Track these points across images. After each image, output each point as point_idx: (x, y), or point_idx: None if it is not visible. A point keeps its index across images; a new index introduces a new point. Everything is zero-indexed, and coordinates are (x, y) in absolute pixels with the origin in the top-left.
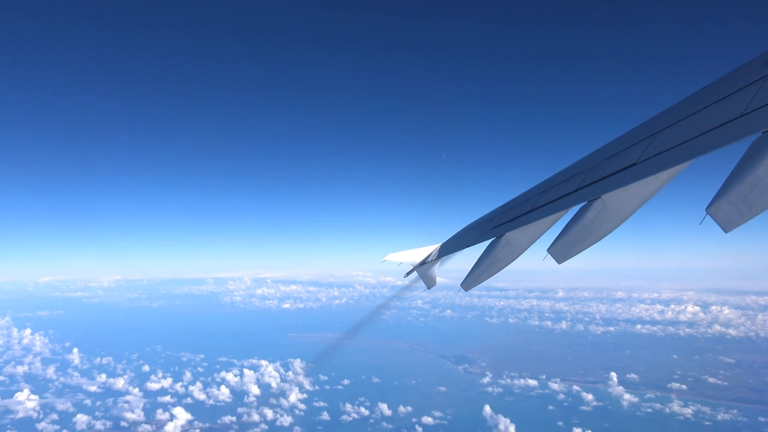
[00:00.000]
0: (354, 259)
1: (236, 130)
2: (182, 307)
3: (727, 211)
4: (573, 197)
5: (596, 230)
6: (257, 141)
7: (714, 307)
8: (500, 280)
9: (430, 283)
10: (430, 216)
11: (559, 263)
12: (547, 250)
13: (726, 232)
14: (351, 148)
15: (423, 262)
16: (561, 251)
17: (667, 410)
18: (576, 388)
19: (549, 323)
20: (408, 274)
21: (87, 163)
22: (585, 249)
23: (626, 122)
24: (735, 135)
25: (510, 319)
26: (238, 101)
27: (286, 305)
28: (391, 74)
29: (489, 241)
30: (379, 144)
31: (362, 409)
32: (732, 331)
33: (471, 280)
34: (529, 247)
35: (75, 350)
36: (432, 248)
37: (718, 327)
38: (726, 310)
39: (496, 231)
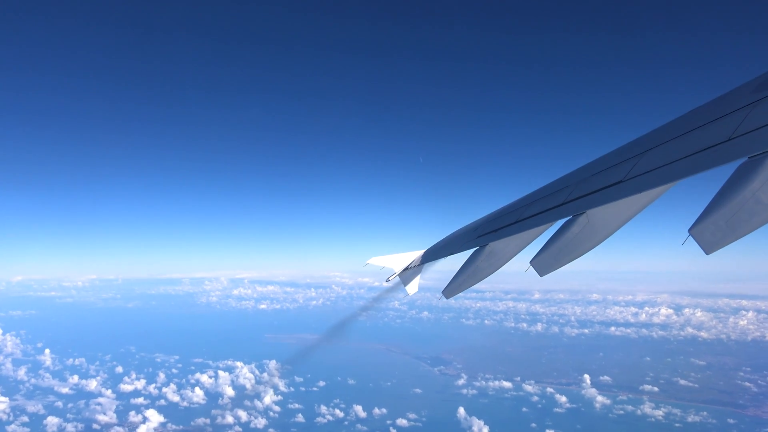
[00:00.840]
0: (331, 260)
1: (214, 130)
2: (157, 308)
3: (710, 233)
4: (558, 211)
5: (580, 245)
6: (235, 140)
7: (687, 310)
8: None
9: (411, 289)
10: (411, 219)
11: (540, 276)
12: (530, 263)
13: (707, 254)
14: (331, 149)
15: (406, 268)
16: (543, 264)
17: (639, 412)
18: (550, 390)
19: (525, 325)
20: (389, 279)
21: (62, 162)
22: (567, 263)
23: (619, 130)
24: (721, 158)
25: (486, 321)
26: (218, 100)
27: (263, 306)
28: (377, 76)
29: (472, 250)
30: (359, 145)
31: (337, 411)
32: (704, 334)
33: (453, 288)
34: (512, 258)
35: (47, 351)
36: (415, 254)
37: (690, 329)
38: (698, 313)
39: (480, 240)
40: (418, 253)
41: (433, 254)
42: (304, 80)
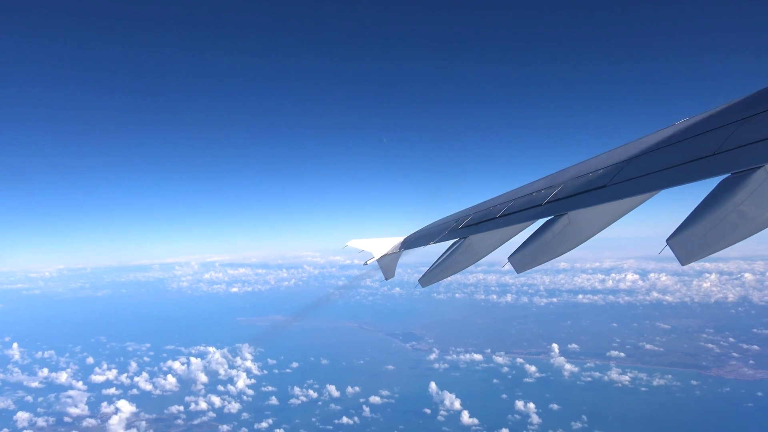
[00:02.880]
0: (303, 240)
1: (182, 114)
2: (127, 296)
3: (687, 245)
4: (540, 210)
5: (558, 246)
6: (204, 123)
7: (652, 275)
8: None
9: (388, 274)
10: (386, 202)
11: (518, 273)
12: (508, 259)
13: (683, 264)
14: (303, 129)
15: (385, 254)
16: (521, 261)
17: (606, 378)
18: (520, 360)
19: (495, 297)
20: (367, 262)
21: (25, 153)
22: (545, 262)
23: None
24: (705, 172)
25: (457, 294)
26: (186, 84)
27: (234, 289)
28: (356, 53)
29: (452, 241)
30: (333, 124)
31: (311, 392)
32: (668, 298)
33: (429, 277)
34: (490, 253)
35: (15, 345)
36: (394, 240)
37: (655, 294)
38: (663, 277)
39: (461, 232)
40: (397, 239)
41: (412, 242)
42: (276, 61)
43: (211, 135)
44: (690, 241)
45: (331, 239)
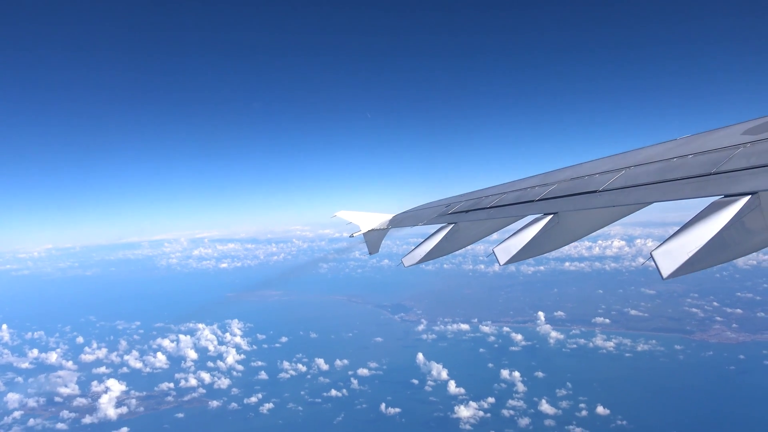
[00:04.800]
0: (292, 215)
1: (169, 89)
2: (117, 274)
3: (670, 260)
4: (531, 206)
5: (544, 244)
6: (190, 97)
7: (638, 241)
8: None
9: (373, 249)
10: (378, 180)
11: (500, 264)
12: (493, 249)
13: (663, 278)
14: (292, 101)
15: (372, 229)
16: (506, 254)
17: (591, 345)
18: (506, 329)
19: (482, 266)
20: (353, 235)
21: (11, 132)
22: (529, 258)
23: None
24: (697, 191)
25: (445, 265)
26: (173, 56)
27: (224, 265)
28: (351, 23)
29: (440, 225)
30: (323, 96)
31: (300, 366)
32: (653, 263)
33: (413, 257)
34: (476, 241)
35: (4, 326)
36: (383, 217)
37: (641, 260)
38: (649, 243)
39: (450, 218)
40: (386, 216)
41: (400, 221)
42: (263, 36)
43: (199, 112)
44: (674, 256)
45: (321, 213)
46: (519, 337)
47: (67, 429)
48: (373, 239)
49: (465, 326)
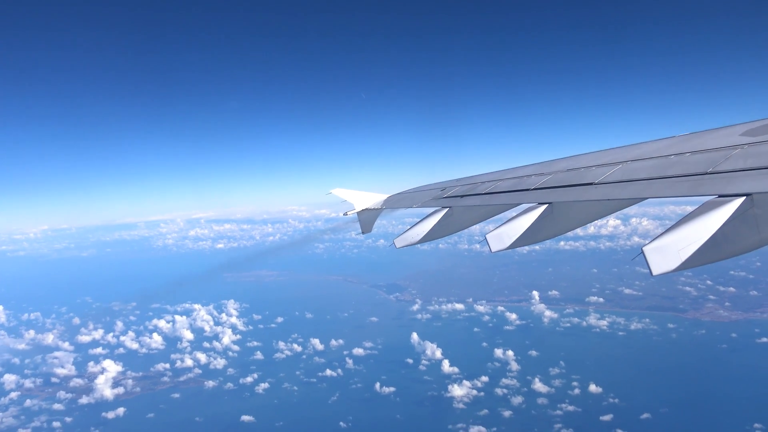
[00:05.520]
0: (288, 194)
1: (166, 69)
2: (113, 255)
3: (661, 256)
4: (527, 195)
5: (537, 233)
6: (184, 75)
7: (634, 219)
8: None
9: (366, 228)
10: (374, 160)
11: (492, 251)
12: (486, 236)
13: (653, 274)
14: (287, 77)
15: (366, 208)
16: (498, 241)
17: (584, 324)
18: (501, 308)
19: (477, 246)
20: (347, 213)
21: (5, 111)
22: (521, 246)
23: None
24: (692, 190)
25: (441, 245)
26: (163, 37)
27: (220, 245)
28: (351, 3)
29: (434, 209)
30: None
31: (295, 346)
32: (649, 241)
33: (405, 239)
34: (469, 227)
35: (0, 308)
36: (378, 197)
37: (636, 239)
38: (645, 222)
39: (445, 202)
40: (381, 196)
41: (395, 202)
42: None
43: (194, 92)
44: (665, 253)
45: (317, 193)
46: (513, 316)
47: (64, 409)
48: (367, 219)
49: (460, 306)
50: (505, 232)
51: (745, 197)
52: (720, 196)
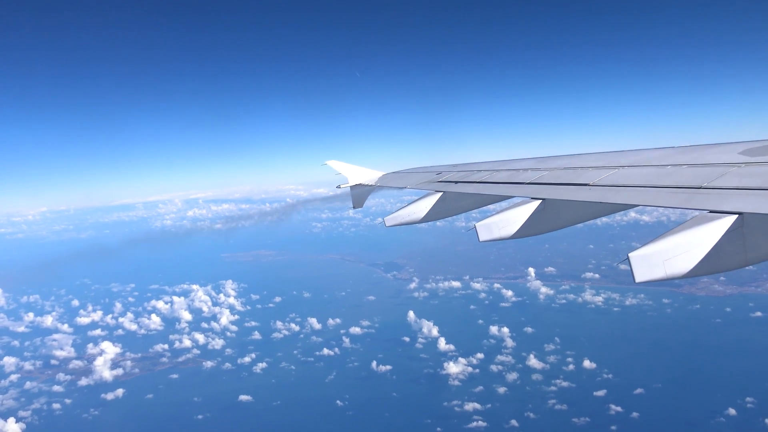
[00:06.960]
0: (286, 174)
1: (162, 46)
2: (111, 236)
3: (646, 265)
4: (521, 188)
5: (528, 228)
6: (184, 53)
7: None
8: None
9: (357, 203)
10: (374, 139)
11: (480, 240)
12: (475, 225)
13: (636, 281)
14: (285, 57)
15: (359, 184)
16: (487, 231)
17: (580, 300)
18: (497, 285)
19: (475, 224)
20: (340, 186)
21: (3, 93)
22: (509, 238)
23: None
24: (684, 203)
25: (438, 223)
26: (163, 15)
27: (218, 225)
28: None
29: (427, 192)
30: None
31: (293, 325)
32: (645, 217)
33: (396, 218)
34: (460, 213)
35: None
36: (374, 173)
37: (633, 214)
38: None
39: (438, 186)
40: (376, 173)
41: (390, 180)
42: None
43: (192, 73)
44: (650, 262)
45: (315, 173)
46: (509, 293)
47: (63, 391)
48: (359, 194)
49: (456, 284)
50: (494, 223)
51: (736, 216)
52: (711, 211)
